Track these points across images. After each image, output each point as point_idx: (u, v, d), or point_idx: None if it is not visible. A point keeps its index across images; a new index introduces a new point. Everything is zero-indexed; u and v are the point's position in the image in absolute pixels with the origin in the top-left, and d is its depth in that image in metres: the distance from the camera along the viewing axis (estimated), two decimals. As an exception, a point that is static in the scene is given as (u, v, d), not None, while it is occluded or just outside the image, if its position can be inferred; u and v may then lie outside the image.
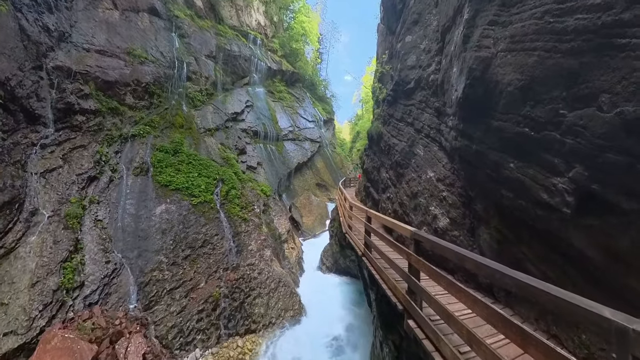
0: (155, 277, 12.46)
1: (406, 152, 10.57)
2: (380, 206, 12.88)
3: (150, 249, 13.40)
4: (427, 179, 8.81)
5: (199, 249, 13.98)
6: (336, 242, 20.87)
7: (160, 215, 14.78)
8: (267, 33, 45.38)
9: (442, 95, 8.37)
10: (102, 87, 19.74)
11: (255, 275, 14.49)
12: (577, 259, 4.77)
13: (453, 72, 7.09)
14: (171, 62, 25.28)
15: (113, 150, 17.79)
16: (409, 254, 5.05)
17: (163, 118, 22.16)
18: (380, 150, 13.53)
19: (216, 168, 19.07)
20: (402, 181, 10.64)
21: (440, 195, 7.96)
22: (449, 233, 7.47)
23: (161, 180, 16.39)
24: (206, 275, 13.25)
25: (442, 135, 8.51)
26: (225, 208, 16.54)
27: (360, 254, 8.74)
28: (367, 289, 14.94)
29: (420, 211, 8.83)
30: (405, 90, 11.10)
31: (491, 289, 6.61)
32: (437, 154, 8.66)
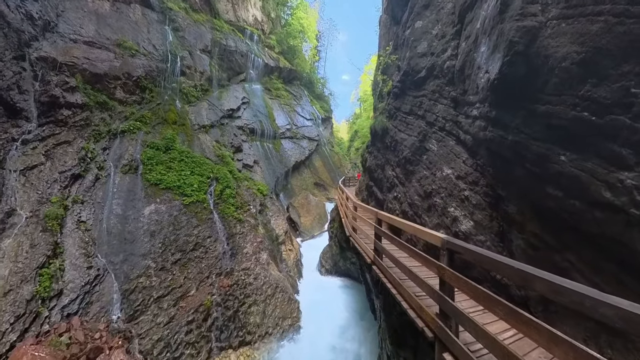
0: (141, 284, 11.41)
1: (416, 147, 9.61)
2: (386, 206, 11.90)
3: (137, 252, 12.36)
4: (443, 176, 7.84)
5: (190, 252, 12.93)
6: (336, 243, 19.93)
7: (149, 216, 13.74)
8: (264, 29, 44.33)
9: (462, 82, 7.41)
10: (90, 80, 18.70)
11: (251, 281, 13.46)
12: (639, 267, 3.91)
13: (480, 53, 6.13)
14: (164, 55, 24.22)
15: (100, 147, 16.72)
16: (442, 268, 4.06)
17: (155, 114, 21.11)
18: (385, 147, 12.56)
19: (210, 166, 18.03)
20: (411, 179, 9.68)
21: (461, 194, 7.00)
22: (473, 238, 6.51)
23: (151, 178, 15.35)
24: (197, 281, 12.18)
25: (460, 127, 7.56)
26: (219, 208, 15.51)
27: (369, 261, 7.74)
28: (369, 294, 14.01)
29: (436, 212, 7.86)
30: (415, 80, 10.13)
31: (526, 302, 5.68)
32: (455, 149, 7.70)
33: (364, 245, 8.76)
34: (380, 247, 6.99)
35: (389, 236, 6.35)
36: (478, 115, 6.27)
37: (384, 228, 6.89)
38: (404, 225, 5.62)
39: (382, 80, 13.81)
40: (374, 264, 7.35)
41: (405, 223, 5.60)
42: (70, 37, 19.16)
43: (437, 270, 4.14)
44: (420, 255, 4.69)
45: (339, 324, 13.64)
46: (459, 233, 6.83)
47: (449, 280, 3.87)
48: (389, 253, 6.30)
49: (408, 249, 5.23)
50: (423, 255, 4.59)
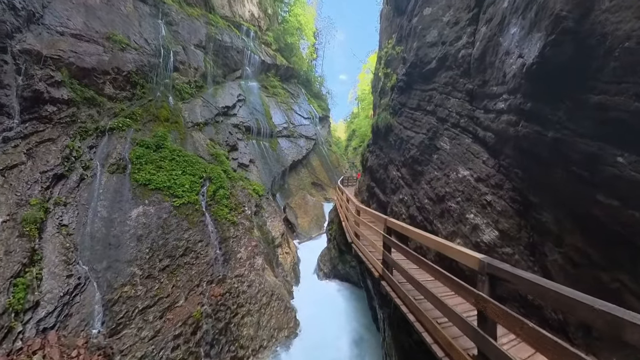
0: (125, 294, 10.51)
1: (425, 146, 8.78)
2: (389, 209, 11.07)
3: (122, 258, 11.46)
4: (458, 178, 7.02)
5: (179, 258, 12.02)
6: (334, 246, 19.10)
7: (136, 218, 12.84)
8: (261, 25, 43.38)
9: (481, 72, 6.58)
10: (77, 74, 17.73)
11: (245, 289, 12.54)
12: None
13: (509, 35, 5.30)
14: (156, 50, 23.26)
15: (87, 145, 15.79)
16: (482, 299, 3.18)
17: (146, 110, 20.18)
18: (389, 145, 11.73)
19: (203, 165, 17.13)
20: (420, 181, 8.85)
21: (483, 199, 6.17)
22: (499, 250, 5.69)
23: (140, 178, 14.44)
24: (186, 290, 11.26)
25: (477, 124, 6.74)
26: (211, 210, 14.62)
27: (377, 275, 6.90)
28: (371, 302, 13.17)
29: (451, 219, 7.03)
30: (423, 72, 9.29)
31: (564, 328, 4.87)
32: (472, 148, 6.88)
33: (369, 255, 7.87)
34: (391, 260, 6.13)
35: (402, 249, 5.47)
36: (505, 109, 5.44)
37: (395, 238, 6.03)
38: (425, 240, 4.67)
39: (385, 75, 12.95)
40: (383, 279, 6.48)
41: (427, 236, 4.60)
42: (57, 29, 18.16)
43: (475, 300, 3.28)
44: (451, 279, 3.77)
45: (338, 334, 12.77)
46: (480, 244, 6.00)
47: (493, 315, 3.02)
48: (403, 269, 5.39)
49: (430, 268, 4.32)
50: (455, 281, 3.67)
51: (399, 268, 5.52)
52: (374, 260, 7.30)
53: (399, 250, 5.62)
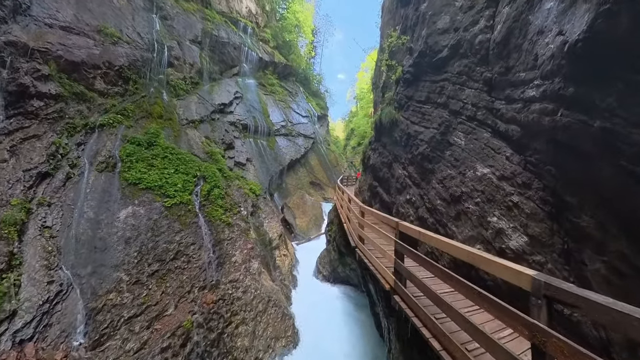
0: (111, 302, 9.75)
1: (437, 141, 8.07)
2: (395, 210, 10.36)
3: (108, 263, 10.70)
4: (477, 176, 6.31)
5: (170, 262, 11.24)
6: (334, 248, 18.41)
7: (125, 220, 12.09)
8: (259, 22, 42.61)
9: (503, 58, 5.87)
10: (66, 68, 16.94)
11: (239, 295, 11.74)
12: None
13: (544, 11, 4.60)
14: (150, 44, 22.48)
15: (75, 142, 15.02)
16: (539, 330, 2.41)
17: (139, 107, 19.42)
18: (394, 142, 11.02)
19: (197, 163, 16.37)
20: (430, 180, 8.14)
21: (508, 200, 5.46)
22: (528, 258, 4.99)
23: (130, 177, 13.68)
24: (177, 297, 10.48)
25: (498, 116, 6.05)
26: (205, 211, 13.85)
27: (388, 288, 6.08)
28: (373, 308, 12.46)
29: (469, 222, 6.32)
30: (433, 62, 8.58)
31: (606, 348, 4.19)
32: (491, 143, 6.17)
33: (377, 263, 7.06)
34: (406, 271, 5.32)
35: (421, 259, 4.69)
36: (538, 96, 4.72)
37: (407, 244, 5.29)
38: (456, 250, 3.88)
39: (389, 67, 12.23)
40: (396, 293, 5.71)
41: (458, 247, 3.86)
42: (45, 21, 17.36)
43: (529, 332, 2.55)
44: (496, 304, 3.00)
45: (339, 342, 12.04)
46: (506, 251, 5.29)
47: (557, 353, 2.30)
48: (421, 282, 4.58)
49: (464, 287, 3.53)
50: (503, 307, 2.89)
51: (416, 281, 4.74)
52: (383, 270, 6.53)
53: (415, 259, 4.85)
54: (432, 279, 5.60)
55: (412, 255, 4.89)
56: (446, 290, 5.37)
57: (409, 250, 5.08)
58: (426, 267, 4.39)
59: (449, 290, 5.38)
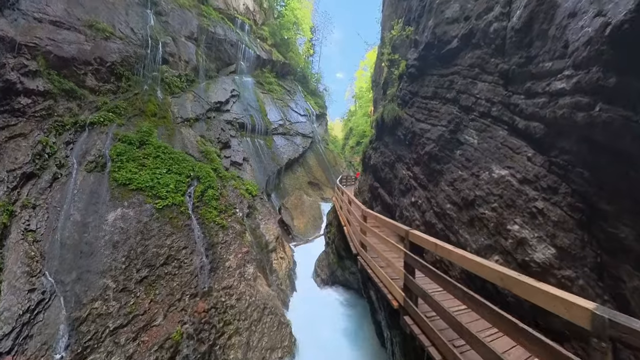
0: (96, 311, 9.12)
1: (445, 140, 7.48)
2: (398, 214, 9.77)
3: (94, 269, 10.09)
4: (493, 179, 5.72)
5: (160, 267, 10.59)
6: (333, 250, 17.84)
7: (113, 223, 11.47)
8: (256, 19, 41.97)
9: (524, 46, 5.30)
10: (56, 64, 16.36)
11: (233, 303, 11.05)
12: None
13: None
14: (144, 40, 21.83)
15: (63, 141, 14.40)
16: None
17: (132, 104, 18.79)
18: (397, 141, 10.43)
19: (191, 163, 15.73)
20: (439, 181, 7.55)
21: (532, 206, 4.87)
22: (556, 273, 4.40)
23: (119, 177, 13.05)
24: (166, 305, 9.82)
25: (516, 112, 5.48)
26: (199, 212, 13.22)
27: (396, 306, 5.39)
28: (375, 315, 11.87)
29: (485, 230, 5.72)
30: (442, 54, 7.98)
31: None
32: (509, 142, 5.59)
33: (382, 274, 6.31)
34: (418, 289, 4.57)
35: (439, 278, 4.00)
36: (569, 89, 4.14)
37: (416, 254, 4.67)
38: (488, 272, 3.12)
39: (391, 62, 11.62)
40: (407, 313, 5.00)
41: (491, 267, 3.09)
42: (35, 15, 16.74)
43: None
44: (542, 343, 2.38)
45: (338, 353, 11.43)
46: (530, 264, 4.70)
47: None
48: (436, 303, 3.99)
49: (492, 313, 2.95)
50: (552, 348, 2.28)
51: (431, 302, 4.08)
52: (389, 283, 5.83)
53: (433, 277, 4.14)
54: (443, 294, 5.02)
55: (427, 272, 4.19)
56: (463, 309, 4.79)
57: (422, 266, 4.43)
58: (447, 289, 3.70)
59: (465, 310, 4.80)
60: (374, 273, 6.71)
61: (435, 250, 3.89)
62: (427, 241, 4.23)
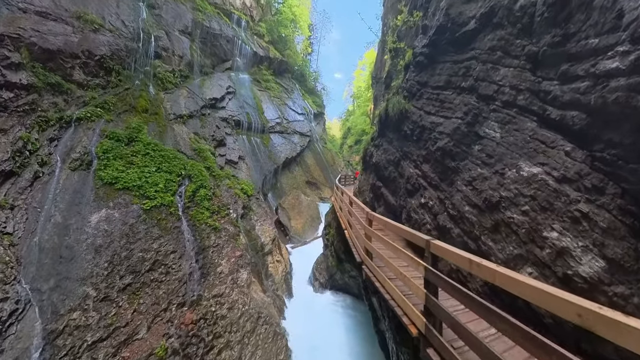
0: (74, 322, 8.30)
1: (462, 134, 6.71)
2: (405, 216, 8.99)
3: (74, 275, 9.26)
4: (523, 177, 4.95)
5: (145, 274, 9.76)
6: (332, 253, 17.06)
7: (97, 225, 10.65)
8: (253, 15, 41.12)
9: (559, 23, 4.55)
10: (41, 57, 15.49)
11: (224, 313, 10.19)
12: None
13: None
14: (135, 33, 20.95)
15: (46, 137, 13.56)
16: None
17: (122, 100, 17.94)
18: (403, 137, 9.67)
19: (182, 161, 14.89)
20: (454, 180, 6.77)
21: (574, 210, 4.10)
22: (605, 289, 3.63)
23: (105, 176, 12.23)
24: (150, 316, 8.97)
25: (548, 100, 4.75)
26: (189, 214, 12.40)
27: (416, 334, 4.36)
28: (377, 324, 11.13)
29: (514, 237, 4.92)
30: (456, 38, 7.21)
31: None
32: (539, 134, 4.85)
33: (394, 291, 5.32)
34: (445, 314, 3.59)
35: (474, 303, 3.08)
36: (625, 68, 3.38)
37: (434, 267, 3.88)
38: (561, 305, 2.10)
39: (395, 51, 10.83)
40: (430, 345, 3.99)
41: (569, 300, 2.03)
42: (19, 5, 15.90)
43: None
44: None
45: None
46: (573, 278, 3.93)
47: None
48: (468, 332, 3.12)
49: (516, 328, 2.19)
50: None
51: (460, 329, 3.25)
52: (403, 302, 4.87)
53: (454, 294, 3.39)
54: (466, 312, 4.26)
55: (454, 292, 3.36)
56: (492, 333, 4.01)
57: (448, 284, 3.53)
58: (490, 320, 2.85)
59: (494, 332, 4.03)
60: (383, 287, 5.85)
61: (470, 268, 3.07)
62: (457, 256, 3.36)
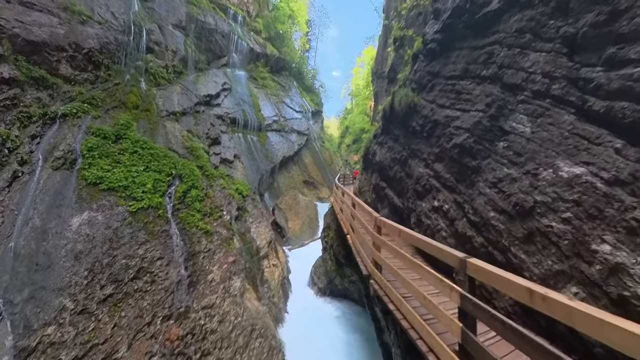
0: (48, 339, 7.49)
1: (484, 129, 5.93)
2: (415, 220, 8.21)
3: (50, 285, 8.44)
4: (563, 178, 4.20)
5: (128, 283, 8.91)
6: (331, 257, 16.29)
7: (78, 229, 9.82)
8: (250, 11, 40.22)
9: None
10: (25, 49, 14.61)
11: (214, 326, 9.28)
12: None
13: None
14: (126, 26, 20.06)
15: (28, 134, 12.71)
16: None
17: (111, 95, 17.07)
18: (411, 133, 8.89)
19: (173, 160, 14.04)
20: (475, 181, 5.97)
21: (629, 219, 3.34)
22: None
23: (89, 176, 11.40)
24: (132, 331, 8.10)
25: (588, 90, 4.03)
26: (179, 216, 11.57)
27: None
28: (381, 336, 10.35)
29: (553, 249, 4.13)
30: (475, 21, 6.43)
31: None
32: (580, 129, 4.10)
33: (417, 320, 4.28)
34: (487, 355, 2.77)
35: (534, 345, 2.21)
36: None
37: (470, 292, 3.08)
38: None
39: (401, 40, 10.00)
40: None
41: None
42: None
43: None
44: None
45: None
46: (631, 300, 3.14)
47: None
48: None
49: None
50: None
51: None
52: (430, 337, 3.86)
53: (507, 335, 2.53)
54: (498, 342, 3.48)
55: (511, 336, 2.44)
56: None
57: (501, 324, 2.60)
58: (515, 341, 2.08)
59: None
60: (398, 310, 4.94)
61: (531, 301, 2.20)
62: (508, 283, 2.49)
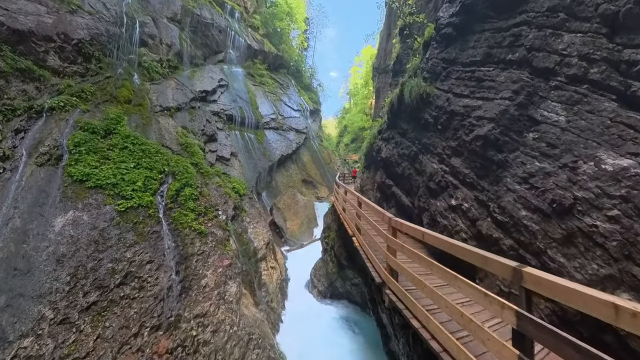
0: (24, 352, 6.73)
1: (511, 118, 5.25)
2: (428, 220, 7.52)
3: (29, 292, 7.69)
4: (606, 172, 3.59)
5: (114, 289, 8.15)
6: (332, 258, 15.61)
7: (61, 230, 9.07)
8: (247, 7, 39.48)
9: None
10: (9, 38, 13.87)
11: (207, 337, 8.48)
12: None
13: None
14: (118, 17, 19.28)
15: (12, 129, 11.96)
16: None
17: (102, 89, 16.28)
18: (423, 126, 8.20)
19: (166, 157, 13.26)
20: (501, 177, 5.28)
21: None
22: None
23: (75, 173, 10.63)
24: (117, 344, 7.34)
25: (630, 74, 3.46)
26: (171, 216, 10.82)
27: None
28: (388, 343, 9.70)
29: (598, 251, 3.45)
30: (499, 0, 5.73)
31: None
32: (625, 117, 3.52)
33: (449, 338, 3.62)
34: None
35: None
36: None
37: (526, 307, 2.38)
38: None
39: (409, 28, 9.28)
40: None
41: None
42: (-14, -18, 14.24)
43: None
44: None
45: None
46: None
47: None
48: None
49: None
50: None
51: None
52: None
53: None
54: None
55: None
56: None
57: (572, 347, 1.92)
58: None
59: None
60: (424, 327, 4.05)
61: (616, 320, 1.48)
62: (583, 296, 1.77)
